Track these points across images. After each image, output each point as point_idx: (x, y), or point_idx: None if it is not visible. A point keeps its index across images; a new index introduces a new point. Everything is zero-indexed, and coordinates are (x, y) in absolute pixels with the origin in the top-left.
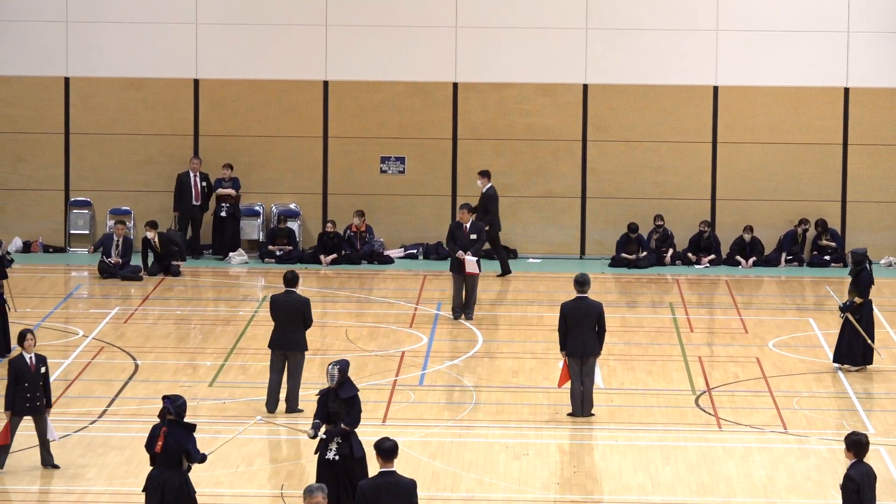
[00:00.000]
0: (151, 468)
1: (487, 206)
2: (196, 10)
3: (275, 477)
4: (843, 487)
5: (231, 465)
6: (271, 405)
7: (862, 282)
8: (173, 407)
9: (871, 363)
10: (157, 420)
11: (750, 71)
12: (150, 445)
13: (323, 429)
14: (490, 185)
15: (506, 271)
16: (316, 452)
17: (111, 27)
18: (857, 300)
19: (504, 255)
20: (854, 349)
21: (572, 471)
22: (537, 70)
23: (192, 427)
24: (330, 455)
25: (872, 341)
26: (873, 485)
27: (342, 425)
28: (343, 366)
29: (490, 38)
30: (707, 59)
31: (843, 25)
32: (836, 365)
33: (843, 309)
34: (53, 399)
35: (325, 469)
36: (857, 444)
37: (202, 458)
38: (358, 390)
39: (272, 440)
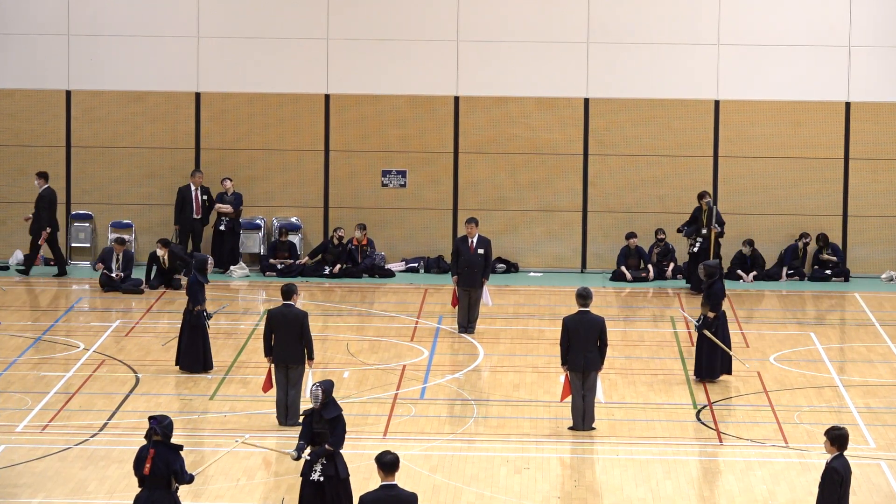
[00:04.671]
0: (140, 489)
1: (40, 206)
2: (197, 23)
3: (276, 490)
4: (828, 479)
5: (232, 478)
6: (282, 419)
7: (714, 295)
8: (160, 428)
9: (730, 372)
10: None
11: (751, 85)
12: (137, 467)
13: (308, 450)
14: (47, 186)
15: (61, 272)
16: (302, 474)
17: (113, 41)
18: (711, 314)
19: (61, 257)
20: (713, 363)
21: (573, 485)
22: (539, 84)
23: (180, 447)
24: (315, 476)
25: (731, 350)
26: (850, 479)
27: (326, 446)
28: (327, 386)
29: (492, 52)
30: (708, 73)
31: (844, 40)
32: (695, 378)
33: (699, 328)
34: (54, 412)
35: (309, 490)
36: (841, 438)
37: (190, 479)
38: (342, 410)
39: (273, 453)
